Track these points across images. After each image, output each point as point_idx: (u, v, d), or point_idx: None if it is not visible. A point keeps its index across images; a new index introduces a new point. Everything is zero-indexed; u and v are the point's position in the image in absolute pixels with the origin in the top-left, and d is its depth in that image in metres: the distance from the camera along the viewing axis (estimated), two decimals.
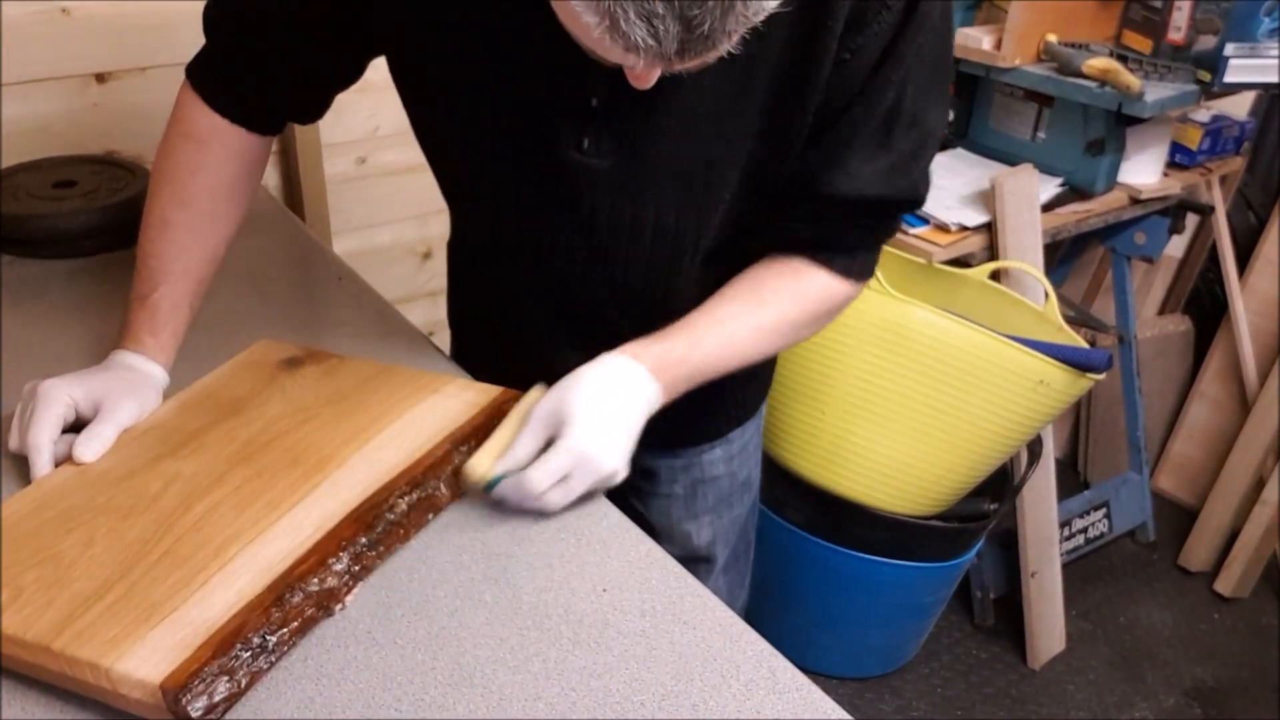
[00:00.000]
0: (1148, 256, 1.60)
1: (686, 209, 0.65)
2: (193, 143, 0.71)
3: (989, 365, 1.16)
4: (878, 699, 1.49)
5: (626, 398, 0.62)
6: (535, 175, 0.65)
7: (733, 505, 0.87)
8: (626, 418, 0.61)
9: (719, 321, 0.65)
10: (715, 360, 0.65)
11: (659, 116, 0.60)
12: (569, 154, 0.62)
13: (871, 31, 0.57)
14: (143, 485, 0.61)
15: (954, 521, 1.35)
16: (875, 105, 0.60)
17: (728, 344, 0.66)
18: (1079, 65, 1.37)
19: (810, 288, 0.67)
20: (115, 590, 0.52)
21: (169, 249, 0.71)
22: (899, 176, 0.63)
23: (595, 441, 0.60)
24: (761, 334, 0.66)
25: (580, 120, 0.61)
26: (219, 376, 0.72)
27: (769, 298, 0.66)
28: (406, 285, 1.36)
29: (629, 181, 0.63)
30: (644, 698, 0.52)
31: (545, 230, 0.68)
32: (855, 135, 0.61)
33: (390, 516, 0.59)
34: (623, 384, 0.62)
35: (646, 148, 0.62)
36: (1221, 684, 1.55)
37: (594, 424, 0.60)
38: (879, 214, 0.66)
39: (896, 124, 0.61)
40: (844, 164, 0.62)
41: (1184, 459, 1.88)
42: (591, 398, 0.60)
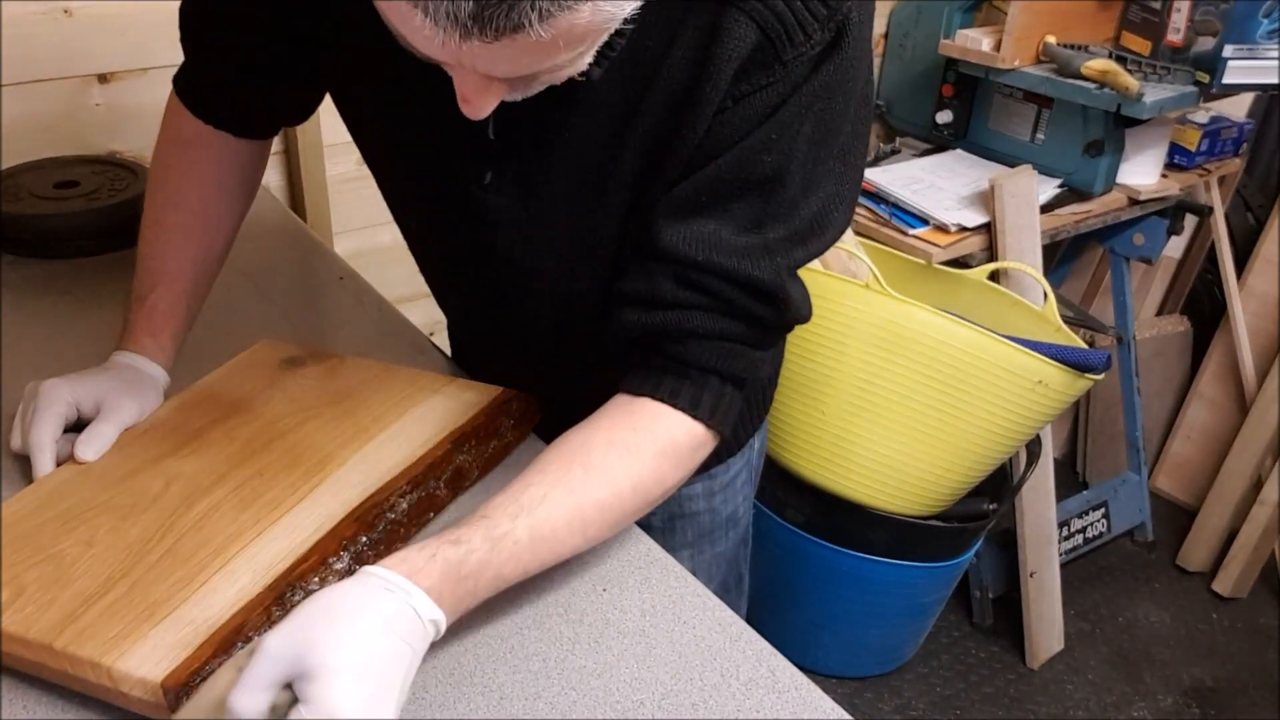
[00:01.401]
0: (1146, 257, 1.60)
1: (576, 254, 0.60)
2: (181, 146, 0.72)
3: (988, 365, 1.16)
4: (877, 698, 1.49)
5: (396, 641, 0.45)
6: (445, 209, 0.63)
7: (715, 541, 0.83)
8: (395, 669, 0.44)
9: (526, 509, 0.51)
10: (526, 559, 0.51)
11: (551, 153, 0.56)
12: (472, 189, 0.59)
13: (760, 84, 0.50)
14: (144, 484, 0.61)
15: (953, 521, 1.35)
16: (744, 167, 0.51)
17: (544, 536, 0.51)
18: (1078, 67, 1.37)
19: (650, 437, 0.54)
20: (116, 589, 0.53)
21: (164, 250, 0.71)
22: (763, 256, 0.53)
23: (355, 707, 0.42)
24: (584, 518, 0.52)
25: (482, 153, 0.58)
26: (220, 376, 0.72)
27: (596, 467, 0.53)
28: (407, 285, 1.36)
29: (528, 224, 0.60)
30: (644, 696, 0.52)
31: (462, 267, 0.67)
32: (712, 191, 0.52)
33: (391, 516, 0.59)
34: (393, 620, 0.45)
35: (541, 185, 0.58)
36: (1219, 684, 1.56)
37: (354, 685, 0.42)
38: (716, 293, 0.53)
39: (769, 197, 0.52)
40: (691, 222, 0.53)
41: (1182, 459, 1.89)
42: (351, 645, 0.43)
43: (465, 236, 0.64)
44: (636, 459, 0.54)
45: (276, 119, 0.74)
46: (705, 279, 0.53)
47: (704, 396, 0.55)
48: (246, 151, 0.73)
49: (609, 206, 0.58)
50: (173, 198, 0.71)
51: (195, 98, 0.70)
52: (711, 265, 0.53)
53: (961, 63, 1.51)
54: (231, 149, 0.72)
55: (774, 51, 0.49)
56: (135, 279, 0.71)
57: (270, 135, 0.75)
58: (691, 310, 0.54)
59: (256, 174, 0.76)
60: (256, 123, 0.72)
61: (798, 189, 0.52)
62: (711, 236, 0.53)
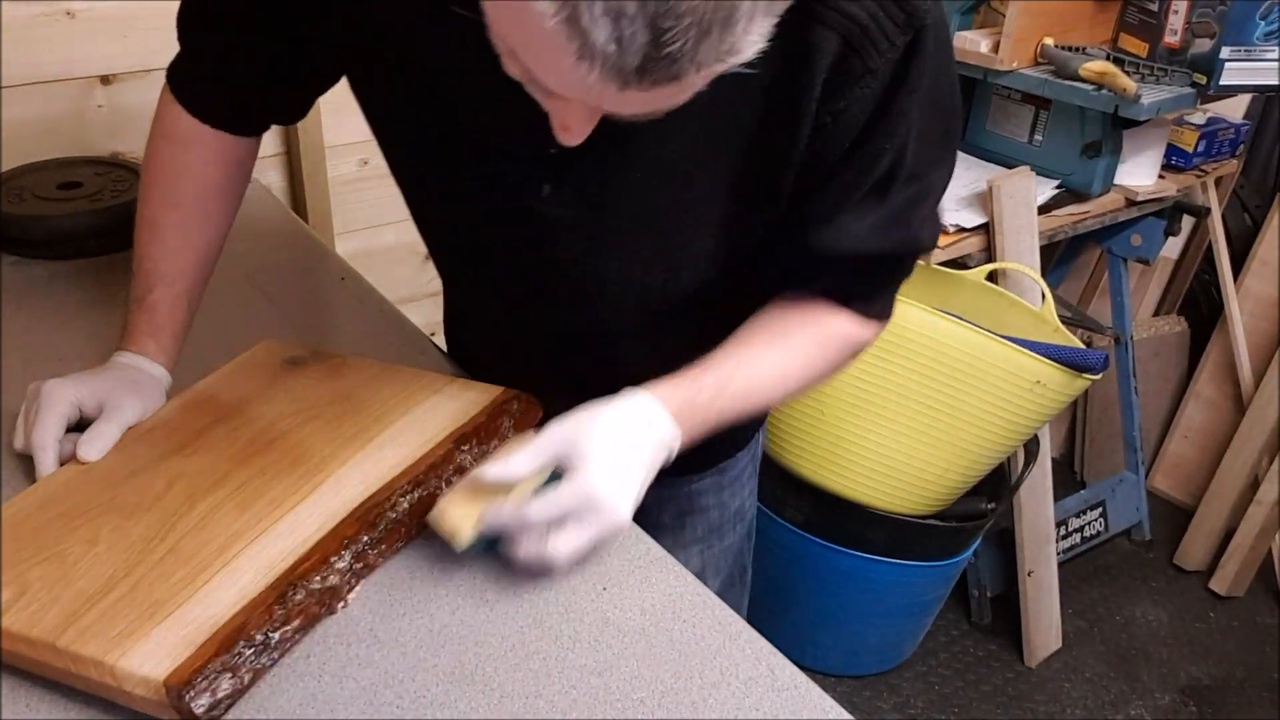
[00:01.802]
0: (1144, 258, 1.60)
1: (653, 263, 0.62)
2: (176, 145, 0.71)
3: (986, 366, 1.16)
4: (875, 697, 1.50)
5: (645, 443, 0.56)
6: (500, 222, 0.63)
7: (724, 535, 0.84)
8: (642, 466, 0.56)
9: (744, 364, 0.61)
10: (738, 405, 0.62)
11: (624, 167, 0.57)
12: (530, 202, 0.59)
13: (854, 96, 0.53)
14: (146, 484, 0.61)
15: (951, 520, 1.35)
16: (866, 169, 0.56)
17: (754, 389, 0.62)
18: (1076, 68, 1.38)
19: (833, 333, 0.64)
20: (119, 588, 0.53)
21: (162, 251, 0.71)
22: (894, 229, 0.59)
23: (608, 485, 0.54)
24: (786, 380, 0.63)
25: (540, 166, 0.58)
26: (222, 376, 0.72)
27: (794, 343, 0.63)
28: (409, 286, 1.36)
29: (594, 232, 0.60)
30: (643, 695, 0.52)
31: (513, 277, 0.67)
32: (847, 197, 0.58)
33: (392, 515, 0.59)
34: (643, 427, 0.56)
35: (610, 198, 0.59)
36: (1216, 682, 1.56)
37: (609, 466, 0.54)
38: (878, 266, 0.62)
39: (893, 183, 0.57)
40: (835, 222, 0.59)
41: (1180, 459, 1.89)
42: (609, 437, 0.55)
43: (521, 249, 0.63)
44: (821, 343, 0.64)
45: (270, 117, 0.73)
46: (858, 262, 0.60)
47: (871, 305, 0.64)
48: (237, 149, 0.72)
49: (694, 218, 0.60)
50: (168, 197, 0.71)
51: (190, 94, 0.70)
52: (856, 252, 0.60)
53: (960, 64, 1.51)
54: (225, 147, 0.71)
55: (860, 60, 0.52)
56: (133, 280, 0.71)
57: (259, 132, 0.74)
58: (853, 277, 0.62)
59: (248, 170, 0.75)
60: (250, 121, 0.72)
61: (916, 165, 0.57)
62: (853, 228, 0.58)
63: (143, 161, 0.73)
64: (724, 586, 0.87)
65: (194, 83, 0.70)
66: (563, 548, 0.54)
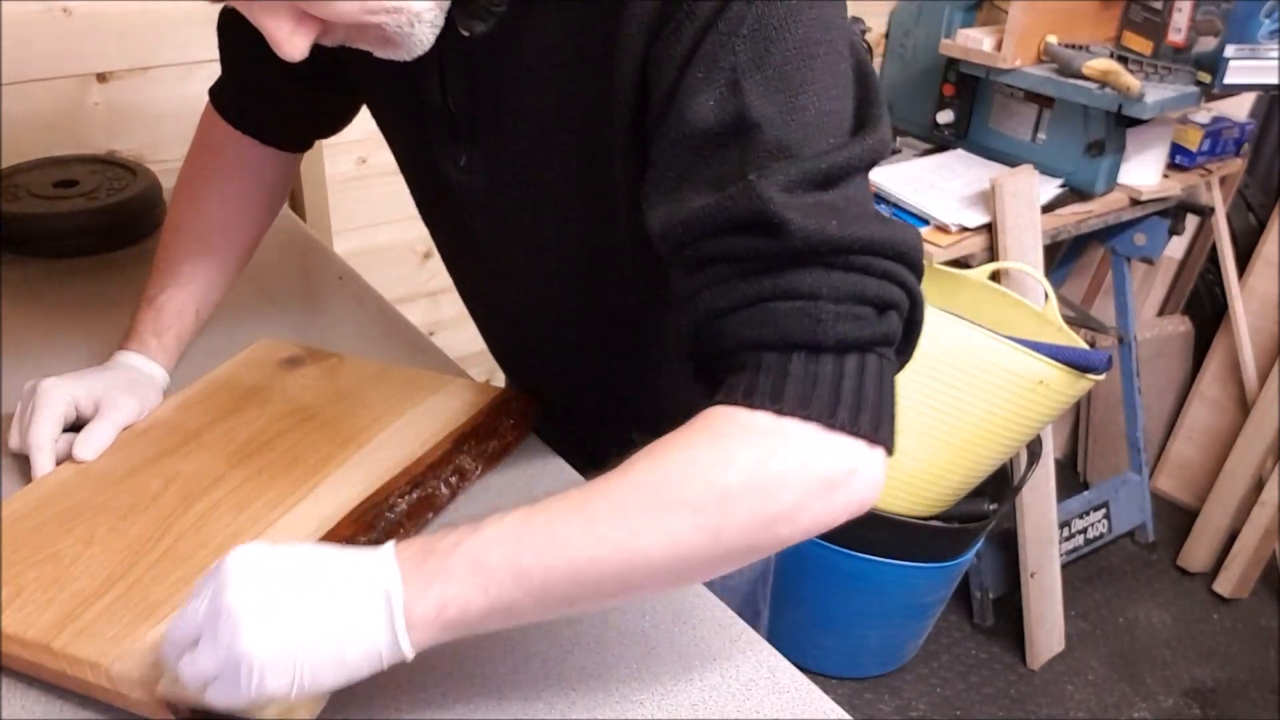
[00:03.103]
0: (1147, 257, 1.60)
1: (549, 232, 0.58)
2: (208, 152, 0.74)
3: (989, 366, 1.16)
4: (877, 699, 1.49)
5: (323, 572, 0.42)
6: (433, 195, 0.64)
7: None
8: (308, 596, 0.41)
9: (534, 507, 0.43)
10: (508, 539, 0.42)
11: (508, 132, 0.54)
12: (451, 172, 0.59)
13: (670, 33, 0.44)
14: (143, 484, 0.61)
15: (954, 522, 1.35)
16: (686, 122, 0.44)
17: (534, 518, 0.43)
18: (1079, 66, 1.37)
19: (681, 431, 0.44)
20: (115, 589, 0.52)
21: (178, 254, 0.72)
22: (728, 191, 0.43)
23: (241, 600, 0.40)
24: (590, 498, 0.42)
25: (453, 135, 0.57)
26: (219, 375, 0.72)
27: (626, 463, 0.44)
28: (407, 285, 1.36)
29: (497, 202, 0.58)
30: (643, 697, 0.52)
31: (459, 257, 0.67)
32: (673, 160, 0.45)
33: (390, 516, 0.59)
34: (332, 559, 0.43)
35: (505, 163, 0.56)
36: (1220, 685, 1.55)
37: (252, 582, 0.41)
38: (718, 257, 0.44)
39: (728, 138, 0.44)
40: (656, 190, 0.46)
41: (1183, 460, 1.89)
42: (277, 558, 0.42)
43: (451, 221, 0.64)
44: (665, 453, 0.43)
45: (309, 129, 0.75)
46: (703, 248, 0.44)
47: (758, 380, 0.42)
48: (273, 165, 0.74)
49: (558, 187, 0.54)
50: (194, 203, 0.73)
51: (227, 104, 0.72)
52: (699, 230, 0.44)
53: (962, 62, 1.50)
54: (258, 160, 0.73)
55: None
56: (147, 280, 0.72)
57: (301, 149, 0.76)
58: (703, 291, 0.45)
59: (281, 191, 0.77)
60: (289, 131, 0.74)
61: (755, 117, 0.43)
62: (695, 208, 0.44)
63: (180, 170, 0.75)
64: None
65: (233, 95, 0.72)
66: (187, 669, 0.42)
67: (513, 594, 0.42)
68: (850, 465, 0.42)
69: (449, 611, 0.41)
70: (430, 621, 0.41)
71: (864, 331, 0.42)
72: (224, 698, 0.41)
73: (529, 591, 0.42)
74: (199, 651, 0.41)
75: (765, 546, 0.43)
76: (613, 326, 0.61)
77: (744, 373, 0.43)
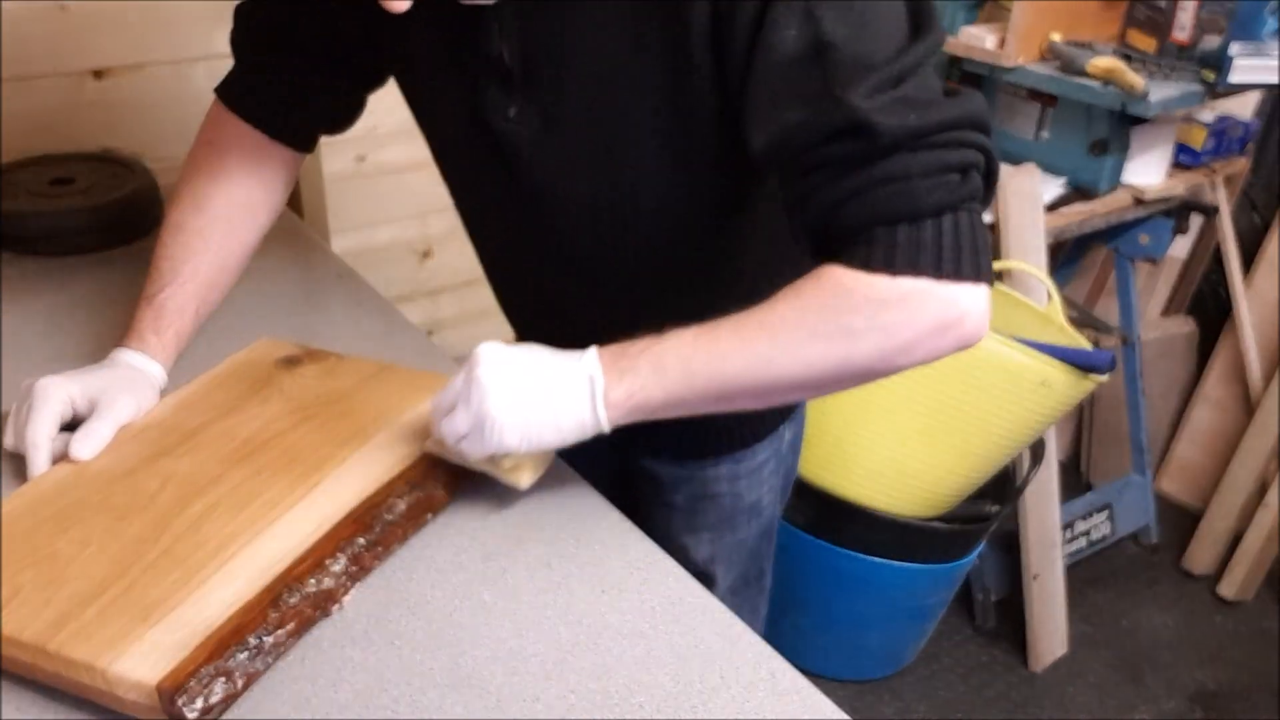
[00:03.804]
0: (1151, 257, 1.59)
1: (606, 178, 0.62)
2: (217, 150, 0.73)
3: (991, 366, 1.16)
4: (878, 701, 1.49)
5: (545, 359, 0.56)
6: (477, 146, 0.65)
7: (736, 528, 0.83)
8: (537, 375, 0.56)
9: (702, 327, 0.55)
10: (683, 349, 0.54)
11: (568, 83, 0.58)
12: (498, 123, 0.62)
13: None
14: (140, 484, 0.60)
15: (956, 523, 1.34)
16: (774, 50, 0.51)
17: (701, 335, 0.54)
18: (1083, 65, 1.37)
19: (811, 278, 0.54)
20: (112, 590, 0.52)
21: (180, 252, 0.72)
22: (824, 103, 0.51)
23: (489, 375, 0.55)
24: (744, 325, 0.54)
25: (505, 89, 0.60)
26: (217, 375, 0.72)
27: (767, 302, 0.56)
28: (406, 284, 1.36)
29: (553, 150, 0.61)
30: (643, 699, 0.51)
31: (499, 209, 0.68)
32: (765, 89, 0.52)
33: (388, 517, 0.59)
34: (549, 352, 0.57)
35: (560, 115, 0.60)
36: (1223, 688, 1.55)
37: (496, 363, 0.56)
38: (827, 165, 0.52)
39: (807, 63, 0.51)
40: (764, 118, 0.53)
41: (1187, 461, 1.88)
42: (510, 350, 0.57)
43: (498, 175, 0.65)
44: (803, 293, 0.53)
45: (319, 122, 0.75)
46: (805, 159, 0.52)
47: (871, 250, 0.51)
48: (278, 165, 0.75)
49: (637, 121, 0.58)
50: (197, 201, 0.73)
51: (238, 97, 0.73)
52: (799, 143, 0.52)
53: (965, 60, 1.50)
54: (265, 161, 0.74)
55: None
56: (147, 278, 0.72)
57: (307, 147, 0.76)
58: (812, 194, 0.53)
59: (284, 194, 0.77)
60: (300, 124, 0.74)
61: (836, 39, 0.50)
62: (793, 125, 0.52)
63: (181, 169, 0.75)
64: (737, 584, 0.87)
65: (245, 88, 0.73)
66: (446, 427, 0.57)
67: (683, 391, 0.54)
68: (960, 308, 0.51)
69: (635, 399, 0.54)
70: (620, 404, 0.55)
71: (953, 195, 0.51)
72: (473, 449, 0.57)
73: (694, 390, 0.54)
74: (456, 414, 0.56)
75: (884, 373, 0.54)
76: (668, 265, 0.66)
77: (860, 247, 0.52)
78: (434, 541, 0.61)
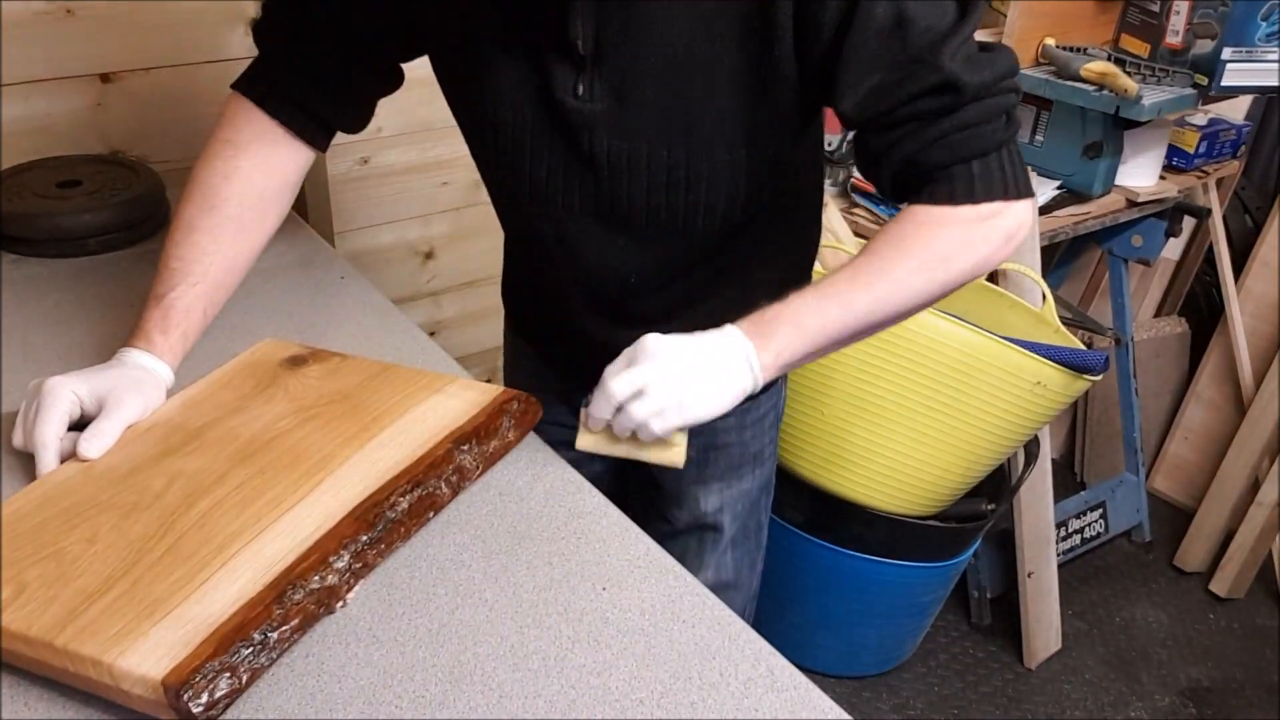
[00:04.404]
0: (1145, 259, 1.60)
1: (679, 149, 0.66)
2: (232, 148, 0.73)
3: (986, 366, 1.16)
4: (875, 698, 1.50)
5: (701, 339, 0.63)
6: (542, 125, 0.67)
7: (742, 477, 0.87)
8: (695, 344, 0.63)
9: (821, 283, 0.65)
10: (813, 306, 0.64)
11: (642, 61, 0.63)
12: (567, 100, 0.65)
13: None
14: (146, 482, 0.61)
15: (951, 521, 1.35)
16: (867, 26, 0.60)
17: (823, 290, 0.64)
18: (1077, 69, 1.38)
19: (901, 220, 0.64)
20: (118, 587, 0.53)
21: (190, 252, 0.72)
22: (911, 66, 0.60)
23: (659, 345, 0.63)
24: (859, 272, 0.64)
25: (573, 67, 0.64)
26: (222, 375, 0.73)
27: (870, 246, 0.66)
28: (409, 285, 1.36)
29: (624, 123, 0.65)
30: (643, 695, 0.52)
31: (557, 179, 0.70)
32: (857, 59, 0.61)
33: (391, 515, 0.59)
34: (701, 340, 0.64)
35: (633, 91, 0.64)
36: (1216, 684, 1.56)
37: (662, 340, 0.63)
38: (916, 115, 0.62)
39: (897, 32, 0.60)
40: (857, 85, 0.61)
41: (1180, 460, 1.89)
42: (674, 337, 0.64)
43: (562, 151, 0.68)
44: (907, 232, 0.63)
45: (337, 117, 0.75)
46: (896, 113, 0.61)
47: (955, 186, 0.62)
48: (290, 161, 0.75)
49: (714, 99, 0.64)
50: (209, 200, 0.73)
51: (260, 91, 0.73)
52: (891, 99, 0.61)
53: None
54: (279, 160, 0.74)
55: None
56: (156, 278, 0.72)
57: (323, 143, 0.76)
58: (899, 142, 0.62)
59: (292, 193, 0.77)
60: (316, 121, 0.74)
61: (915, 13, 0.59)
62: (883, 86, 0.61)
63: (193, 168, 0.74)
64: (739, 535, 0.90)
65: (268, 81, 0.73)
66: (637, 409, 0.62)
67: (820, 341, 0.64)
68: (1019, 219, 0.64)
69: (782, 357, 0.63)
70: (770, 365, 0.63)
71: (1006, 133, 0.63)
72: (662, 426, 0.63)
73: (830, 336, 0.64)
74: (645, 398, 0.62)
75: (968, 280, 0.65)
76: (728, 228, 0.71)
77: (944, 184, 0.62)
78: (436, 539, 0.61)
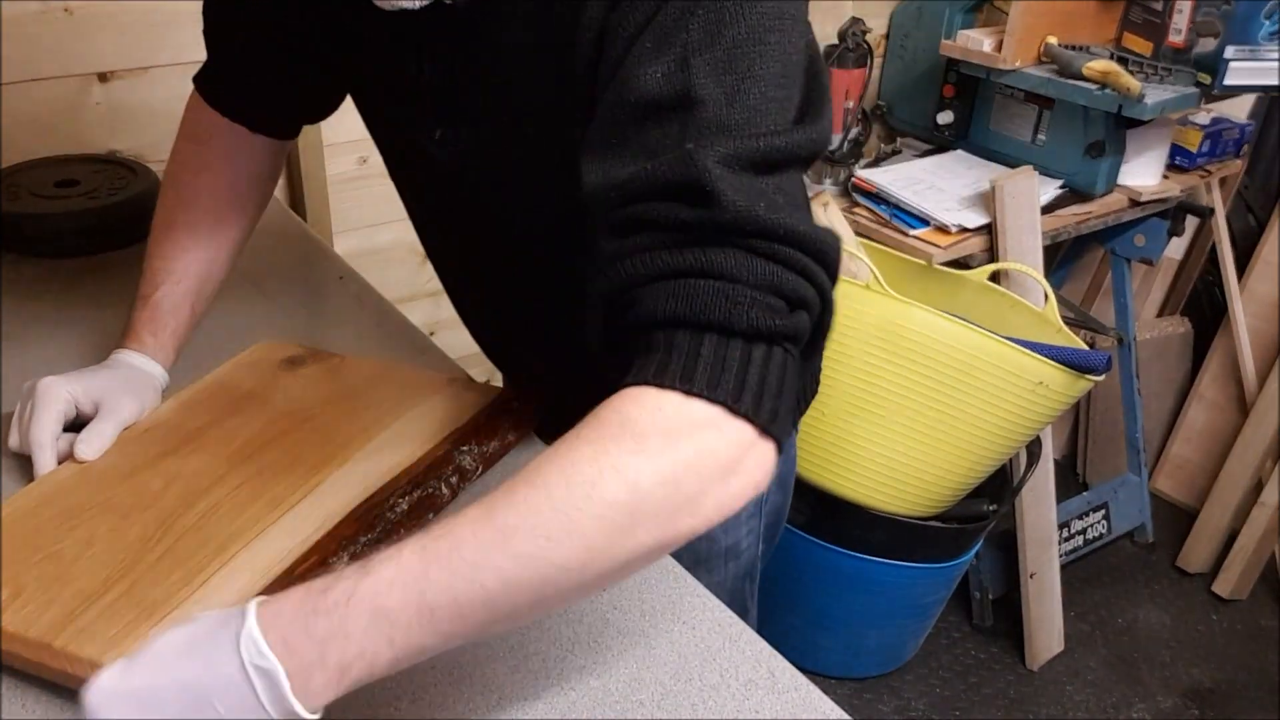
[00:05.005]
0: (1147, 259, 1.60)
1: (522, 202, 0.59)
2: (195, 144, 0.73)
3: (988, 366, 1.16)
4: (876, 699, 1.49)
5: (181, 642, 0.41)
6: (410, 173, 0.65)
7: (711, 570, 0.74)
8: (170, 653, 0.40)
9: (435, 534, 0.41)
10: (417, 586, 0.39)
11: (486, 102, 0.56)
12: (428, 147, 0.60)
13: (629, 5, 0.45)
14: (144, 484, 0.61)
15: (953, 522, 1.35)
16: (632, 89, 0.44)
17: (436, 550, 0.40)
18: (1079, 67, 1.37)
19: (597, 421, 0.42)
20: (116, 589, 0.53)
21: (171, 249, 0.72)
22: (666, 157, 0.43)
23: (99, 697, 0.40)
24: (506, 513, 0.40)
25: (430, 107, 0.58)
26: (220, 375, 0.72)
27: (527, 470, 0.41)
28: (407, 285, 1.36)
29: (479, 173, 0.59)
30: (643, 697, 0.52)
31: (433, 229, 0.68)
32: (614, 123, 0.45)
33: (390, 516, 0.59)
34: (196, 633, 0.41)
35: (483, 136, 0.57)
36: (1219, 685, 1.56)
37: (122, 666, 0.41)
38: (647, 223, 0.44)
39: (670, 112, 0.44)
40: (594, 150, 0.46)
41: (1183, 461, 1.89)
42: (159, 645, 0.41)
43: (429, 198, 0.65)
44: (574, 448, 0.41)
45: (298, 113, 0.74)
46: (633, 212, 0.44)
47: (670, 359, 0.42)
48: (262, 154, 0.74)
49: (530, 159, 0.55)
50: (184, 197, 0.72)
51: (214, 91, 0.71)
52: (631, 193, 0.44)
53: (962, 63, 1.51)
54: (248, 151, 0.73)
55: None
56: (141, 277, 0.72)
57: (289, 135, 0.75)
58: (626, 257, 0.44)
59: (272, 180, 0.77)
60: (279, 116, 0.73)
61: (705, 97, 0.43)
62: (632, 171, 0.44)
63: (166, 166, 0.74)
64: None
65: (220, 81, 0.71)
66: None
67: (422, 638, 0.39)
68: (744, 452, 0.42)
69: (353, 673, 0.39)
70: (333, 685, 0.39)
71: (775, 323, 0.42)
72: None
73: (438, 631, 0.39)
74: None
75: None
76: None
77: (656, 353, 0.42)
78: None
